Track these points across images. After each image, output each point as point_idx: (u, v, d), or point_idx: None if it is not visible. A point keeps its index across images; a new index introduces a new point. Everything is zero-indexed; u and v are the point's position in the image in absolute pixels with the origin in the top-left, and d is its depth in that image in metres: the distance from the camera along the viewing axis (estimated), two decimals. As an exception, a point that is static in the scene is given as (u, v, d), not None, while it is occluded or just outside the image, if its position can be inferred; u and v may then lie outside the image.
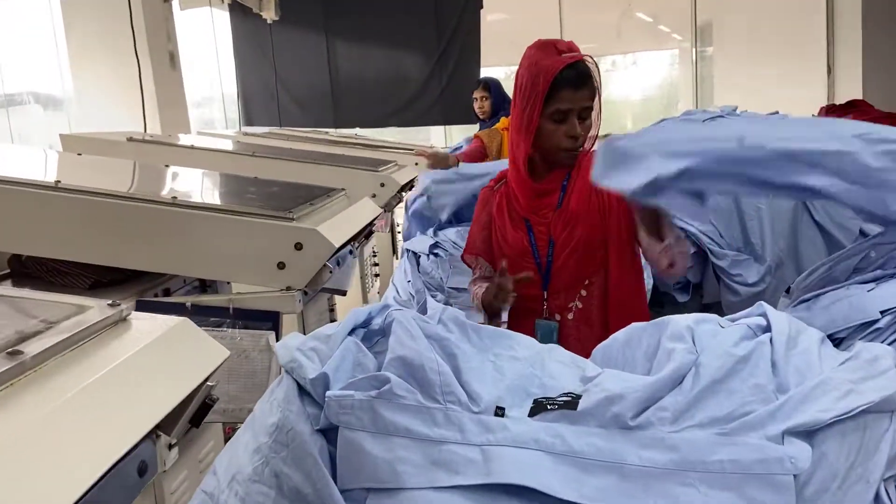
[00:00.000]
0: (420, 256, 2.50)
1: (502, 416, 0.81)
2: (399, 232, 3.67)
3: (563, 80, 1.51)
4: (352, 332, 0.96)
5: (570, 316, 1.59)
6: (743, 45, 7.52)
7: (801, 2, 6.86)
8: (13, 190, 1.43)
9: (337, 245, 1.52)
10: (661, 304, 2.72)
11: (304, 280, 1.50)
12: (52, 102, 5.84)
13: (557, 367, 0.90)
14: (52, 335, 0.64)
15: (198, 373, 0.73)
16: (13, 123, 5.20)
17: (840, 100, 6.22)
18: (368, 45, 6.99)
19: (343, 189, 1.98)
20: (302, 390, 0.89)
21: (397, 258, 3.55)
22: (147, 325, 0.76)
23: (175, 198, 1.51)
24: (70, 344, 0.64)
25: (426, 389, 0.83)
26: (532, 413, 0.82)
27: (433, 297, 2.37)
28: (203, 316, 1.49)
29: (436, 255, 2.50)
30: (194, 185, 1.90)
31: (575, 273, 1.57)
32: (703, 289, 2.61)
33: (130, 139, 2.71)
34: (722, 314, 2.67)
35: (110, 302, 0.76)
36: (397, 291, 2.46)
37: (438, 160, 3.41)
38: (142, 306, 1.49)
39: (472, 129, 6.89)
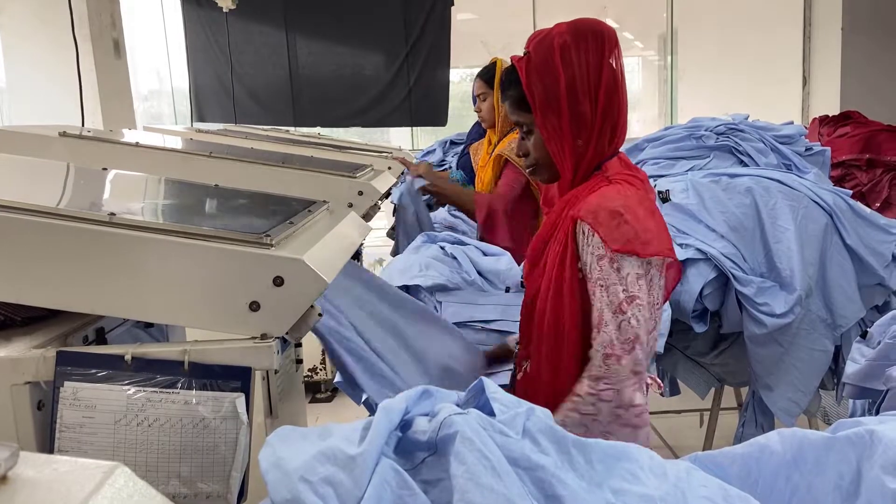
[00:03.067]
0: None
1: None
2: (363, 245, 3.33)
3: None
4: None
5: (519, 375, 1.46)
6: (711, 54, 7.47)
7: (777, 11, 6.79)
8: None
9: (329, 279, 1.18)
10: (671, 332, 2.45)
11: (285, 325, 1.15)
12: (-15, 92, 5.34)
13: (709, 509, 0.57)
14: None
15: None
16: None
17: (815, 112, 6.16)
18: (331, 40, 6.65)
19: (326, 202, 1.63)
20: (310, 550, 0.55)
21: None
22: (42, 493, 0.40)
23: (112, 214, 1.14)
24: None
25: (529, 571, 0.50)
26: None
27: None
28: (149, 372, 1.13)
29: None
30: (139, 197, 1.52)
31: (522, 327, 1.50)
32: (721, 317, 2.35)
33: (63, 134, 2.29)
34: (743, 345, 2.37)
35: (-27, 448, 0.41)
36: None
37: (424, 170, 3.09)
38: (65, 359, 1.12)
39: (440, 132, 6.61)
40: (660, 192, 2.47)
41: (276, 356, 1.15)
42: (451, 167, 4.51)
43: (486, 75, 3.01)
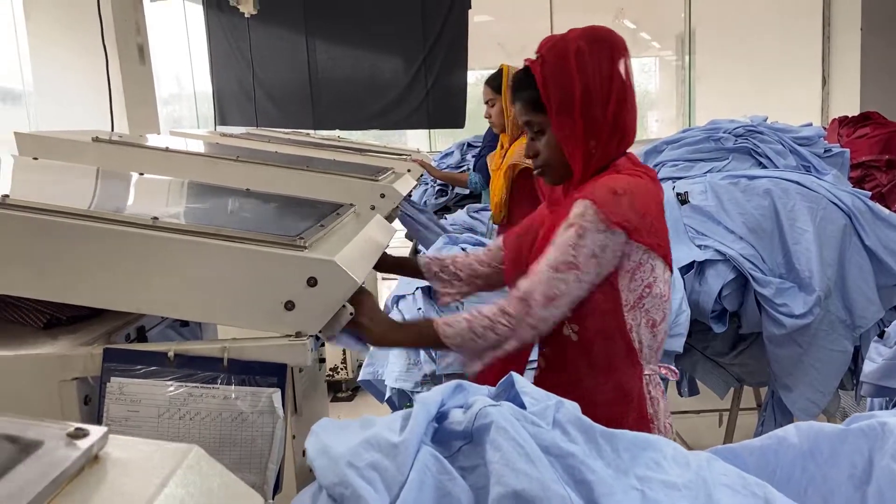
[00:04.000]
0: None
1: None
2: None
3: None
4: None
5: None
6: (729, 54, 7.44)
7: (796, 12, 6.76)
8: (-57, 207, 1.11)
9: (360, 280, 1.23)
10: (690, 333, 2.47)
11: (318, 324, 1.20)
12: (11, 97, 5.45)
13: (729, 498, 0.61)
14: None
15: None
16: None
17: (835, 112, 6.12)
18: (350, 44, 6.72)
19: (353, 205, 1.68)
20: (358, 528, 0.59)
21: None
22: (132, 468, 0.46)
23: (155, 218, 1.19)
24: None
25: (561, 546, 0.55)
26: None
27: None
28: (190, 368, 1.18)
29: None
30: (177, 201, 1.58)
31: None
32: (741, 318, 2.37)
33: (96, 139, 2.37)
34: (762, 346, 2.39)
35: (72, 430, 0.46)
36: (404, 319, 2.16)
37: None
38: (111, 356, 1.17)
39: (457, 134, 6.65)
40: (678, 194, 2.50)
41: (310, 353, 1.20)
42: (468, 169, 4.57)
43: (494, 81, 3.09)
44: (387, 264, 1.61)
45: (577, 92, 1.33)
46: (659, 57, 9.04)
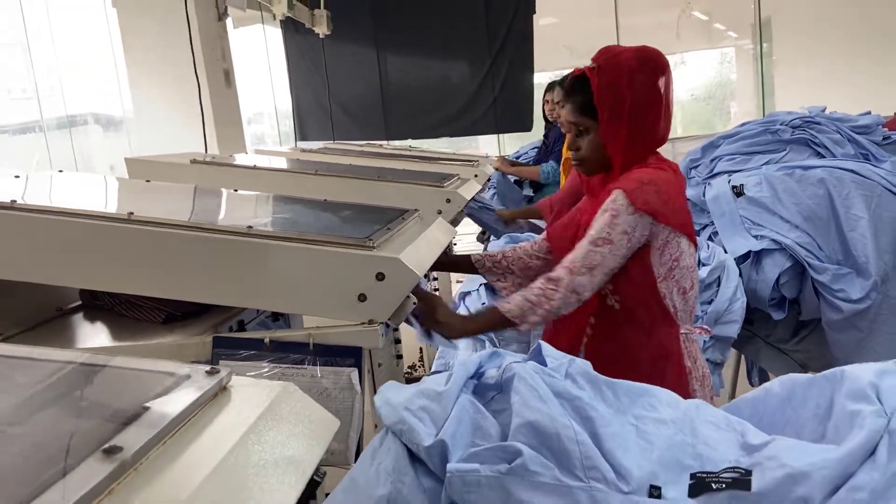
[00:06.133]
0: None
1: (658, 496, 0.68)
2: (455, 244, 3.61)
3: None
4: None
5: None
6: (807, 40, 7.20)
7: (874, -7, 6.52)
8: (86, 224, 1.37)
9: (420, 274, 1.42)
10: (751, 321, 2.54)
11: (387, 312, 1.40)
12: (113, 123, 5.95)
13: (711, 432, 0.76)
14: (150, 421, 0.54)
15: (313, 453, 0.62)
16: (75, 145, 5.30)
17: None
18: (419, 55, 6.96)
19: (417, 210, 1.88)
20: (413, 457, 0.77)
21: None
22: (249, 394, 0.65)
23: (250, 227, 1.42)
24: (171, 429, 0.54)
25: (564, 463, 0.71)
26: (693, 493, 0.69)
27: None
28: (282, 352, 1.40)
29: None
30: (266, 212, 1.82)
31: None
32: (799, 305, 2.43)
33: (194, 161, 2.67)
34: (823, 332, 2.46)
35: (209, 368, 0.67)
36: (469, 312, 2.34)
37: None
38: (220, 343, 1.41)
39: (526, 137, 6.77)
40: (734, 187, 2.58)
41: (380, 338, 1.40)
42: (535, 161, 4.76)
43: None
44: (445, 263, 1.83)
45: (627, 104, 1.55)
46: (736, 46, 8.83)
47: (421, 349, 4.24)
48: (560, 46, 7.70)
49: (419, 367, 4.40)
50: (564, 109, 1.69)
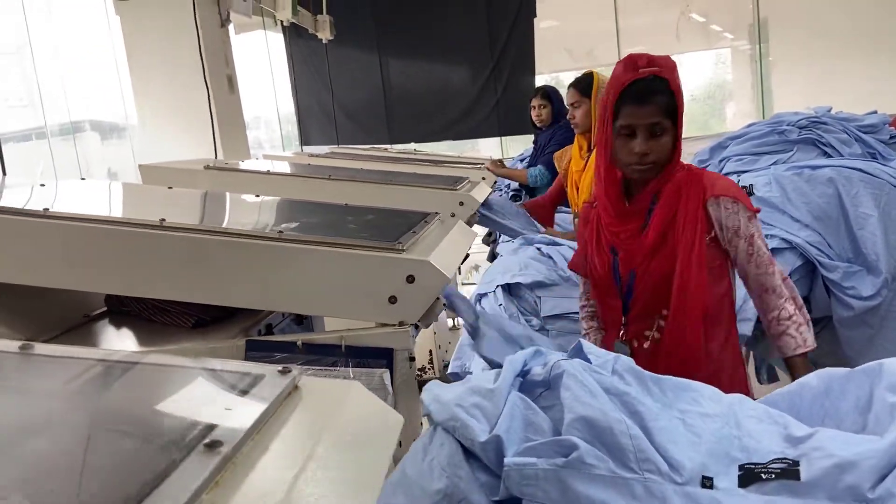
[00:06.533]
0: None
1: (710, 487, 0.71)
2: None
3: (627, 95, 1.56)
4: (510, 383, 0.87)
5: (646, 345, 1.64)
6: (803, 41, 7.24)
7: (871, -6, 6.57)
8: (122, 230, 1.40)
9: (450, 276, 1.45)
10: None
11: (418, 314, 1.42)
12: (115, 130, 5.97)
13: (754, 425, 0.79)
14: (240, 417, 0.57)
15: (387, 446, 0.65)
16: (77, 151, 5.31)
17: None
18: (421, 59, 7.00)
19: (437, 213, 1.91)
20: (467, 452, 0.80)
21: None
22: (320, 392, 0.68)
23: (281, 232, 1.45)
24: (259, 424, 0.57)
25: (618, 456, 0.74)
26: (743, 483, 0.71)
27: (527, 321, 2.28)
28: (314, 354, 1.43)
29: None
30: (292, 217, 1.85)
31: (649, 305, 1.63)
32: (811, 303, 2.46)
33: (207, 167, 2.69)
34: (832, 329, 2.50)
35: (280, 368, 0.69)
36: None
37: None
38: (253, 346, 1.44)
39: (529, 140, 6.81)
40: (743, 187, 2.60)
41: (411, 339, 1.43)
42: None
43: (581, 85, 3.22)
44: None
45: (683, 107, 1.60)
46: (733, 48, 8.88)
47: (430, 351, 4.27)
48: (560, 49, 7.74)
49: (429, 369, 4.43)
50: (644, 110, 1.59)
